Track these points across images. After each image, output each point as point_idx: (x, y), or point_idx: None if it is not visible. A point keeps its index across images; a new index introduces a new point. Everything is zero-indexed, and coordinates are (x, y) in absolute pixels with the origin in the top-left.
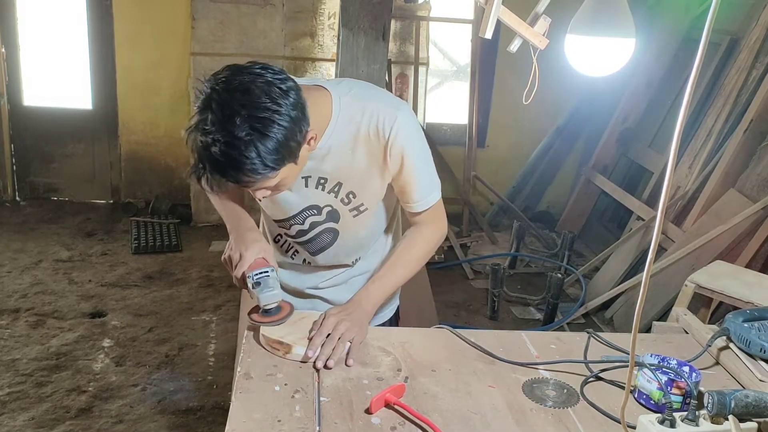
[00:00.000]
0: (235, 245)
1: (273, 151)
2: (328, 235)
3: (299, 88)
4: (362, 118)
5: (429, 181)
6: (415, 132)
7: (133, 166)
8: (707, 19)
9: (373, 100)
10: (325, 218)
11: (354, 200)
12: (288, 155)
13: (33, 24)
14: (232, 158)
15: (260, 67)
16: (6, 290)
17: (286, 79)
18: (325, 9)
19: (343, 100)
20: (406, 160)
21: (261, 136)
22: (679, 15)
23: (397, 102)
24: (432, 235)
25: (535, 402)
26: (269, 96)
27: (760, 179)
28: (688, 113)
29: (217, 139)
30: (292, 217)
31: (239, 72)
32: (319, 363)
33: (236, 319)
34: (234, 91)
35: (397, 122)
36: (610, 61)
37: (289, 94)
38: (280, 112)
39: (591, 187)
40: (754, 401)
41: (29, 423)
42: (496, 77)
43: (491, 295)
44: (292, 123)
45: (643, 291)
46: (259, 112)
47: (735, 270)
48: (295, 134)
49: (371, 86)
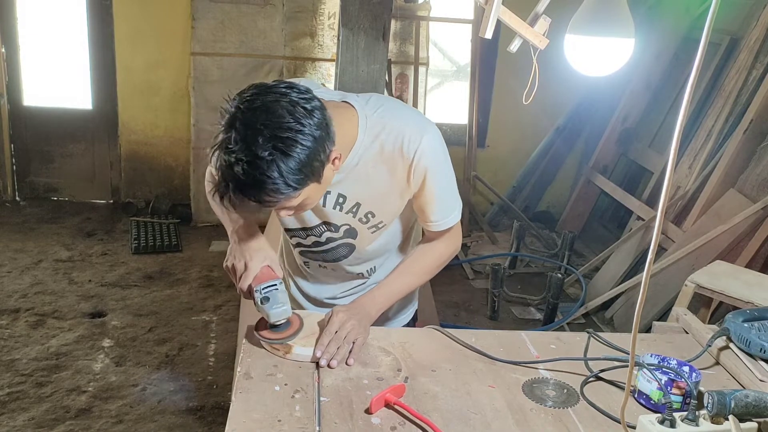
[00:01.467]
0: (239, 253)
1: (296, 171)
2: (344, 248)
3: (324, 107)
4: (387, 138)
5: (449, 204)
6: (441, 155)
7: (132, 166)
8: (707, 19)
9: (400, 120)
10: (342, 235)
11: (373, 219)
12: (311, 175)
13: (33, 24)
14: (254, 178)
15: (286, 86)
16: (6, 290)
17: (312, 98)
18: (325, 9)
19: (370, 119)
20: (428, 182)
21: (283, 156)
22: (679, 15)
23: (425, 123)
24: (444, 250)
25: (535, 402)
26: (293, 115)
27: (760, 179)
28: (688, 113)
29: (240, 158)
30: (310, 229)
31: (264, 91)
32: (323, 361)
33: (236, 319)
34: (257, 110)
35: (422, 145)
36: (610, 61)
37: (314, 114)
38: (303, 131)
39: (591, 187)
40: (754, 401)
41: (29, 423)
42: (496, 77)
43: (491, 295)
44: (316, 143)
45: (643, 291)
46: (282, 132)
47: (735, 270)
48: (318, 154)
49: (399, 105)
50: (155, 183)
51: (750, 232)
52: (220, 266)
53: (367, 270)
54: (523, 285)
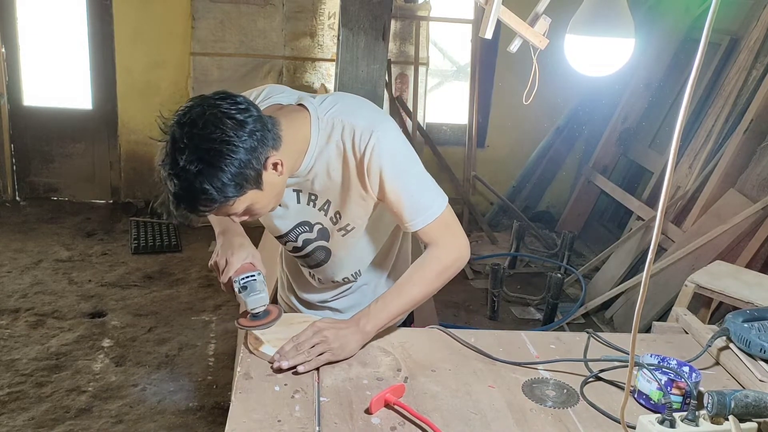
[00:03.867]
0: (222, 250)
1: (226, 181)
2: (321, 252)
3: (259, 117)
4: (339, 137)
5: (418, 198)
6: (396, 149)
7: (132, 166)
8: (707, 19)
9: (351, 117)
10: (316, 236)
11: (340, 221)
12: (245, 183)
13: (33, 24)
14: (185, 190)
15: (219, 98)
16: (6, 290)
17: (245, 108)
18: (325, 9)
19: (323, 120)
20: (386, 181)
21: (210, 168)
22: (679, 15)
23: (377, 118)
24: (443, 256)
25: (535, 402)
26: (219, 127)
27: (760, 179)
28: (688, 113)
29: (171, 173)
30: (286, 234)
31: (197, 104)
32: (284, 364)
33: (236, 319)
34: (184, 125)
35: (371, 140)
36: (610, 61)
37: (246, 123)
38: (231, 142)
39: (591, 187)
40: (754, 401)
41: (29, 423)
42: (496, 77)
43: (491, 295)
44: (247, 152)
45: (643, 291)
46: (208, 144)
47: (735, 270)
48: (249, 162)
49: (355, 101)
50: (155, 183)
51: (750, 232)
52: None
53: (352, 274)
54: (522, 285)
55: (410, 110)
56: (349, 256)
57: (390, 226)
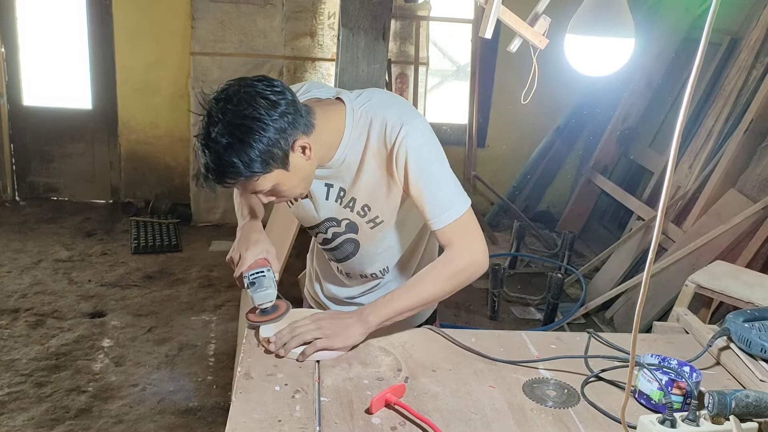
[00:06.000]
0: (238, 245)
1: (254, 157)
2: (350, 245)
3: (293, 101)
4: (371, 130)
5: (440, 197)
6: (423, 144)
7: (132, 166)
8: (707, 19)
9: (384, 110)
10: (344, 230)
11: (369, 213)
12: (271, 161)
13: (33, 24)
14: (215, 162)
15: (256, 79)
16: (6, 290)
17: (281, 90)
18: (325, 9)
19: (356, 113)
20: (410, 173)
21: (239, 143)
22: (679, 15)
23: (408, 114)
24: (457, 258)
25: (536, 402)
26: (252, 105)
27: (760, 179)
28: (688, 113)
29: (205, 145)
30: (316, 226)
31: (235, 84)
32: (271, 347)
33: (236, 319)
34: (220, 101)
35: (401, 132)
36: (610, 61)
37: (278, 104)
38: (261, 119)
39: (591, 187)
40: (755, 401)
41: (29, 423)
42: (496, 77)
43: (491, 295)
44: (276, 132)
45: (643, 291)
46: (239, 120)
47: (735, 270)
48: (278, 142)
49: (388, 97)
50: (155, 183)
51: (750, 232)
52: (220, 266)
53: (380, 270)
54: (523, 285)
55: None
56: (377, 251)
57: (418, 225)
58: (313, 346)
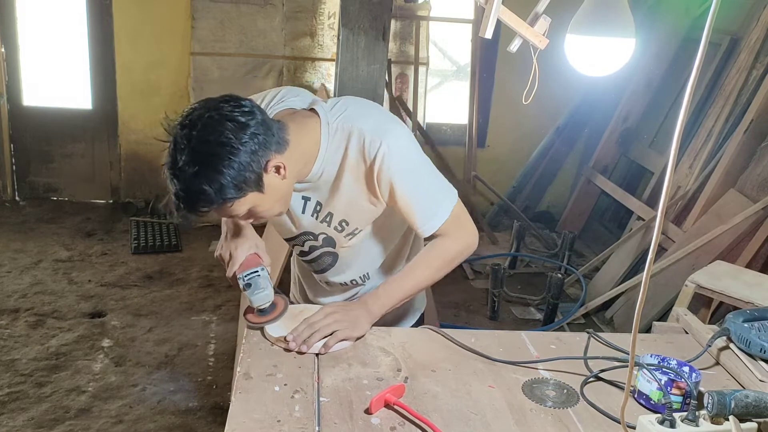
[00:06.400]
0: (226, 243)
1: (225, 183)
2: (328, 257)
3: (263, 120)
4: (349, 144)
5: (429, 203)
6: (406, 156)
7: (132, 166)
8: (707, 19)
9: (361, 122)
10: (321, 243)
11: (347, 227)
12: (244, 185)
13: (33, 24)
14: (184, 191)
15: (224, 100)
16: (6, 290)
17: (249, 111)
18: (325, 9)
19: (332, 126)
20: (396, 188)
21: (208, 170)
22: (679, 15)
23: (387, 124)
24: (452, 245)
25: (535, 402)
26: (217, 130)
27: (760, 179)
28: (688, 113)
29: (173, 174)
30: (293, 239)
31: (200, 107)
32: (291, 345)
33: (236, 319)
34: (185, 127)
35: (381, 148)
36: (610, 61)
37: (248, 126)
38: (230, 144)
39: (591, 187)
40: (755, 401)
41: (29, 423)
42: (496, 77)
43: (491, 295)
44: (247, 155)
45: (643, 291)
46: (206, 147)
47: (735, 270)
48: (250, 165)
49: (363, 107)
50: (155, 183)
51: (750, 232)
52: (220, 266)
53: (360, 276)
54: (523, 285)
55: (410, 110)
56: (356, 260)
57: (401, 228)
58: (334, 338)
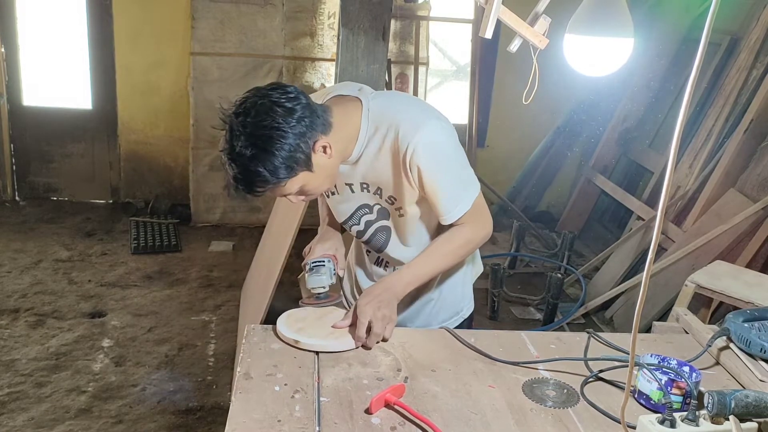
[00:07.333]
0: (314, 240)
1: (278, 164)
2: (382, 234)
3: (308, 104)
4: (386, 131)
5: (454, 193)
6: (435, 149)
7: (132, 166)
8: (707, 19)
9: (399, 113)
10: (376, 216)
11: (396, 202)
12: (296, 165)
13: (33, 24)
14: (242, 173)
15: (271, 88)
16: (6, 290)
17: (295, 97)
18: (325, 9)
19: (372, 112)
20: (424, 178)
21: (263, 152)
22: (679, 15)
23: (424, 117)
24: (471, 233)
25: (535, 402)
26: (269, 115)
27: (760, 179)
28: (688, 113)
29: (230, 159)
30: (350, 218)
31: (252, 95)
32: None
33: (236, 319)
34: (239, 114)
35: (414, 140)
36: (609, 60)
37: (294, 111)
38: (280, 128)
39: (591, 187)
40: (755, 401)
41: (29, 423)
42: (496, 77)
43: (491, 295)
44: (296, 137)
45: (643, 291)
46: (260, 131)
47: (735, 270)
48: (299, 146)
49: (405, 99)
50: (155, 183)
51: (750, 232)
52: (219, 266)
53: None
54: (523, 285)
55: None
56: (408, 238)
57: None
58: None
